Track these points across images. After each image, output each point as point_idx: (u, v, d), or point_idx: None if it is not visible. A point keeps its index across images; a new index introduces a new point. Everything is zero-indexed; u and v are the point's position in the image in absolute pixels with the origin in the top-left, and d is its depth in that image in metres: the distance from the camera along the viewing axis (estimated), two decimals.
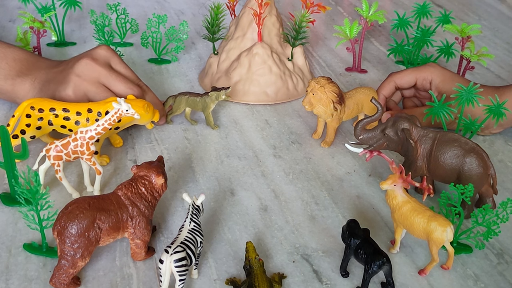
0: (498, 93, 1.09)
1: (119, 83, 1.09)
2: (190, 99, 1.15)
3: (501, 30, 1.72)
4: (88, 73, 1.08)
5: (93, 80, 1.08)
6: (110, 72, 1.10)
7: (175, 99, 1.15)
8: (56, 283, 0.78)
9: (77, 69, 1.08)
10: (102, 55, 1.12)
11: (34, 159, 0.97)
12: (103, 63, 1.11)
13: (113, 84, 1.09)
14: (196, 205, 0.80)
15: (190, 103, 1.15)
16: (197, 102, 1.15)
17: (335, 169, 1.06)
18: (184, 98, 1.15)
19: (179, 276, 0.74)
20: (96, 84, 1.08)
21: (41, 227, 0.82)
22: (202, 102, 1.14)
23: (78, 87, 1.08)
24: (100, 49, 1.13)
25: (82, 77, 1.08)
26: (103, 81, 1.09)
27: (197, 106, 1.15)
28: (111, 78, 1.09)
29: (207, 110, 1.15)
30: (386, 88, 1.18)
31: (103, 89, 1.08)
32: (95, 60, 1.09)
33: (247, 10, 1.29)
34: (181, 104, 1.15)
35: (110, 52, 1.13)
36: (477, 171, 0.90)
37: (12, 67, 1.15)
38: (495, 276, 0.83)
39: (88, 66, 1.09)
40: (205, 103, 1.14)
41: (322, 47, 1.56)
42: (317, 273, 0.83)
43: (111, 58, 1.13)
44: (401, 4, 1.87)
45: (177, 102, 1.15)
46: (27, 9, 1.49)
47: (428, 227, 0.79)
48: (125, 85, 1.09)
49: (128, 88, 1.09)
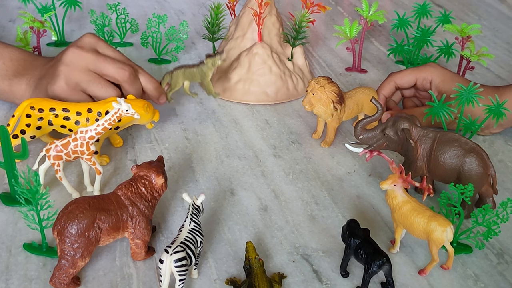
0: (498, 93, 1.09)
1: (108, 65, 1.09)
2: (187, 71, 1.14)
3: (501, 30, 1.72)
4: (76, 62, 1.08)
5: (82, 68, 1.08)
6: (98, 56, 1.09)
7: (172, 75, 1.15)
8: (56, 283, 0.78)
9: (65, 60, 1.08)
10: (88, 42, 1.11)
11: (34, 159, 0.97)
12: (89, 49, 1.10)
13: (103, 67, 1.09)
14: (196, 205, 0.80)
15: (187, 75, 1.14)
16: (194, 72, 1.14)
17: (335, 169, 1.06)
18: (181, 72, 1.14)
19: (179, 276, 0.74)
20: (87, 72, 1.08)
21: (41, 227, 0.82)
22: (199, 71, 1.14)
23: (69, 77, 1.07)
24: (85, 37, 1.12)
25: (71, 66, 1.08)
26: (93, 67, 1.08)
27: (195, 76, 1.14)
28: (99, 61, 1.09)
29: (206, 78, 1.14)
30: (386, 88, 1.18)
31: (94, 75, 1.08)
32: (81, 48, 1.09)
33: (247, 10, 1.29)
34: (179, 79, 1.14)
35: (95, 38, 1.12)
36: (477, 171, 0.90)
37: (9, 67, 1.14)
38: (495, 276, 0.83)
39: (75, 55, 1.08)
40: (202, 72, 1.14)
41: (322, 47, 1.56)
42: (317, 273, 0.83)
43: (97, 43, 1.12)
44: (401, 4, 1.87)
45: (175, 77, 1.14)
46: (27, 9, 1.49)
47: (428, 227, 0.79)
48: (115, 65, 1.09)
49: (118, 68, 1.08)
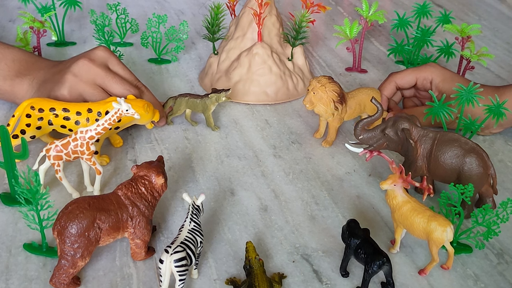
0: (498, 93, 1.09)
1: (115, 84, 1.09)
2: (190, 101, 1.15)
3: (501, 30, 1.72)
4: (85, 74, 1.08)
5: (89, 81, 1.08)
6: (107, 73, 1.10)
7: (175, 101, 1.15)
8: (56, 283, 0.78)
9: (74, 69, 1.08)
10: (100, 56, 1.12)
11: (34, 159, 0.97)
12: (100, 64, 1.10)
13: (109, 85, 1.09)
14: (196, 205, 0.80)
15: (190, 104, 1.15)
16: (197, 103, 1.15)
17: (335, 169, 1.06)
18: (184, 100, 1.15)
19: (179, 276, 0.74)
20: (93, 85, 1.08)
21: (41, 227, 0.82)
22: (202, 104, 1.14)
23: (74, 87, 1.08)
24: (98, 50, 1.13)
25: (78, 77, 1.08)
26: (100, 82, 1.09)
27: (197, 107, 1.15)
28: (108, 79, 1.09)
29: (208, 111, 1.15)
30: (387, 88, 1.18)
31: (99, 90, 1.08)
32: (92, 61, 1.09)
33: (247, 10, 1.29)
34: (181, 106, 1.15)
35: (107, 53, 1.13)
36: (477, 171, 0.90)
37: (11, 67, 1.15)
38: (495, 276, 0.83)
39: (85, 67, 1.09)
40: (205, 105, 1.14)
41: (322, 47, 1.55)
42: (317, 273, 0.83)
43: (109, 59, 1.13)
44: (401, 4, 1.87)
45: (177, 103, 1.15)
46: (27, 9, 1.49)
47: (428, 227, 0.79)
48: (122, 86, 1.09)
49: (125, 90, 1.09)
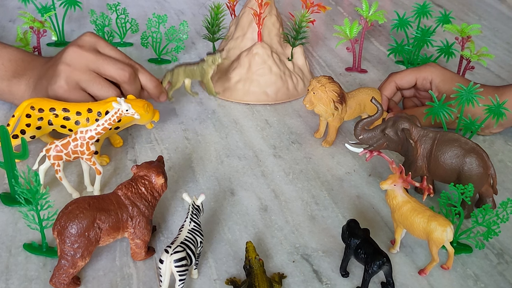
0: (498, 93, 1.09)
1: (108, 65, 1.08)
2: (187, 69, 1.15)
3: (501, 30, 1.72)
4: (77, 61, 1.08)
5: (83, 68, 1.08)
6: (98, 56, 1.09)
7: (173, 73, 1.15)
8: (56, 283, 0.78)
9: (65, 59, 1.08)
10: (88, 41, 1.11)
11: (34, 159, 0.97)
12: (89, 48, 1.10)
13: (102, 67, 1.08)
14: (196, 205, 0.80)
15: (188, 73, 1.15)
16: (194, 70, 1.14)
17: (335, 169, 1.06)
18: (182, 69, 1.15)
19: (179, 276, 0.74)
20: (87, 71, 1.08)
21: (41, 227, 0.82)
22: (199, 69, 1.14)
23: (69, 76, 1.07)
24: (84, 36, 1.12)
25: (71, 66, 1.07)
26: (93, 67, 1.08)
27: (195, 74, 1.15)
28: (100, 61, 1.08)
29: (206, 76, 1.15)
30: (387, 88, 1.18)
31: (94, 75, 1.08)
32: (81, 47, 1.09)
33: (247, 10, 1.29)
34: (180, 76, 1.15)
35: (95, 37, 1.12)
36: (477, 171, 0.90)
37: (8, 68, 1.14)
38: (495, 276, 0.83)
39: (76, 54, 1.08)
40: (202, 69, 1.14)
41: (322, 47, 1.56)
42: (317, 273, 0.83)
43: (97, 42, 1.12)
44: (401, 4, 1.87)
45: (175, 75, 1.15)
46: (27, 9, 1.49)
47: (428, 227, 0.79)
48: (115, 66, 1.09)
49: (118, 69, 1.08)
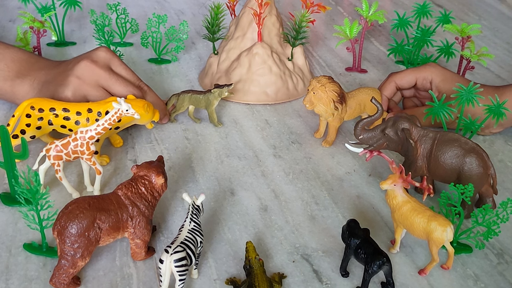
0: (498, 93, 1.09)
1: (119, 86, 1.09)
2: (193, 97, 1.15)
3: (501, 30, 1.72)
4: (88, 76, 1.08)
5: (93, 83, 1.08)
6: (110, 74, 1.09)
7: (178, 97, 1.16)
8: (56, 283, 0.78)
9: (77, 71, 1.08)
10: (102, 57, 1.12)
11: (34, 159, 0.97)
12: (103, 65, 1.10)
13: (113, 86, 1.09)
14: (196, 205, 0.80)
15: (193, 100, 1.15)
16: (200, 99, 1.15)
17: (335, 169, 1.06)
18: (187, 96, 1.15)
19: (179, 276, 0.74)
20: (96, 87, 1.08)
21: (41, 227, 0.82)
22: (205, 99, 1.15)
23: (77, 89, 1.07)
24: (100, 51, 1.12)
25: (82, 79, 1.08)
26: (103, 84, 1.09)
27: (200, 103, 1.15)
28: (111, 80, 1.09)
29: (211, 107, 1.15)
30: (387, 88, 1.18)
31: (102, 91, 1.08)
32: (95, 62, 1.09)
33: (247, 10, 1.29)
34: (184, 102, 1.15)
35: (110, 54, 1.13)
36: (477, 171, 0.90)
37: (11, 68, 1.14)
38: (495, 276, 0.83)
39: (88, 69, 1.08)
40: (208, 100, 1.14)
41: (322, 47, 1.55)
42: (317, 273, 0.83)
43: (111, 60, 1.13)
44: (401, 4, 1.87)
45: (180, 100, 1.15)
46: (27, 9, 1.49)
47: (428, 227, 0.79)
48: (125, 88, 1.09)
49: (128, 91, 1.09)
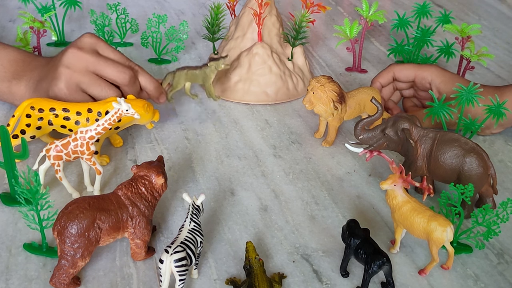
0: (498, 93, 1.09)
1: (108, 68, 1.08)
2: (189, 73, 1.14)
3: (501, 30, 1.72)
4: (76, 63, 1.07)
5: (82, 70, 1.07)
6: (98, 58, 1.08)
7: (174, 75, 1.15)
8: (56, 283, 0.78)
9: (65, 61, 1.07)
10: (87, 43, 1.10)
11: (34, 159, 0.97)
12: (89, 50, 1.09)
13: (103, 69, 1.08)
14: (196, 205, 0.80)
15: (189, 76, 1.14)
16: (196, 74, 1.14)
17: (335, 169, 1.06)
18: (183, 73, 1.14)
19: (179, 276, 0.74)
20: (87, 74, 1.07)
21: (41, 227, 0.82)
22: (202, 73, 1.14)
23: (69, 79, 1.06)
24: (84, 37, 1.11)
25: (71, 68, 1.07)
26: (93, 69, 1.08)
27: (197, 78, 1.14)
28: (100, 64, 1.08)
29: (208, 81, 1.14)
30: (384, 76, 1.18)
31: (94, 77, 1.07)
32: (81, 49, 1.08)
33: (247, 10, 1.29)
34: (181, 79, 1.15)
35: (95, 39, 1.11)
36: (477, 171, 0.90)
37: (8, 69, 1.13)
38: (495, 276, 0.83)
39: (75, 56, 1.07)
40: (205, 74, 1.14)
41: (322, 47, 1.56)
42: (317, 273, 0.83)
43: (97, 44, 1.11)
44: (401, 4, 1.87)
45: (177, 77, 1.15)
46: (27, 9, 1.49)
47: (428, 227, 0.79)
48: (115, 69, 1.08)
49: (119, 72, 1.08)
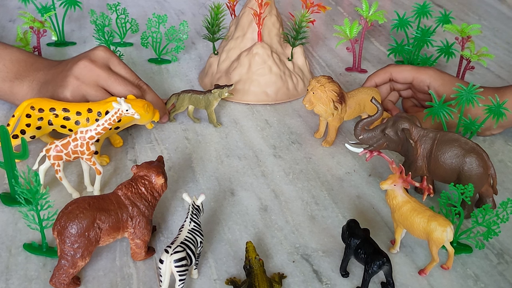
0: (498, 93, 1.09)
1: (118, 85, 1.09)
2: (193, 97, 1.15)
3: (501, 30, 1.72)
4: (87, 76, 1.08)
5: (92, 83, 1.08)
6: (109, 74, 1.09)
7: (178, 97, 1.16)
8: (56, 283, 0.78)
9: (75, 72, 1.08)
10: (101, 57, 1.11)
11: (34, 159, 0.97)
12: (101, 64, 1.10)
13: (112, 86, 1.09)
14: (196, 205, 0.80)
15: (193, 100, 1.15)
16: (200, 99, 1.15)
17: (335, 169, 1.06)
18: (187, 96, 1.15)
19: (179, 276, 0.74)
20: (95, 87, 1.08)
21: (41, 227, 0.82)
22: (205, 99, 1.14)
23: (76, 89, 1.07)
24: (98, 51, 1.12)
25: (80, 80, 1.07)
26: (102, 84, 1.09)
27: (200, 103, 1.15)
28: (110, 80, 1.09)
29: (210, 107, 1.15)
30: (380, 76, 1.18)
31: (102, 91, 1.08)
32: (93, 62, 1.09)
33: (247, 10, 1.29)
34: (184, 102, 1.15)
35: (108, 53, 1.12)
36: (477, 171, 0.90)
37: (10, 69, 1.14)
38: (495, 276, 0.83)
39: (87, 69, 1.08)
40: (208, 100, 1.14)
41: (322, 47, 1.56)
42: (317, 273, 0.83)
43: (110, 59, 1.12)
44: (401, 4, 1.87)
45: (180, 100, 1.15)
46: (27, 9, 1.49)
47: (428, 227, 0.79)
48: (124, 87, 1.09)
49: (127, 91, 1.09)
